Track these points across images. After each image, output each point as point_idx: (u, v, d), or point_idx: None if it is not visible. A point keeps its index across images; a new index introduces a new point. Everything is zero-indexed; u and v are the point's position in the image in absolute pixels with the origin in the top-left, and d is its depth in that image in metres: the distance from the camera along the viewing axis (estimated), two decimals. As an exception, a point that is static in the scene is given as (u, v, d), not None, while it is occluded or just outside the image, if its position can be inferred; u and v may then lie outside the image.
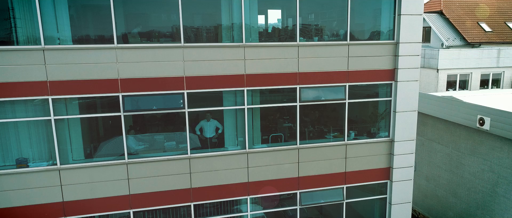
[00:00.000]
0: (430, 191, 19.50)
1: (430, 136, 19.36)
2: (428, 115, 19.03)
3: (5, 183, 10.60)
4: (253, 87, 11.61)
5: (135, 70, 10.76)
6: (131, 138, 11.58)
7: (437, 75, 23.79)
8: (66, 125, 10.96)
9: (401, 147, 12.83)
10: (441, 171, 18.72)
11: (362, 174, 12.90)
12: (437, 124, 18.78)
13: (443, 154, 18.50)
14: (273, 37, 11.99)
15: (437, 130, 18.82)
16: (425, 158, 19.84)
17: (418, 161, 20.56)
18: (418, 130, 20.30)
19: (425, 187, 19.91)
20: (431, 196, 19.48)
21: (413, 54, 12.33)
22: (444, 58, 23.50)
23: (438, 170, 18.95)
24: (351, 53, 12.04)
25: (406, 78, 12.42)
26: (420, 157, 20.33)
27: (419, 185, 20.39)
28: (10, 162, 10.77)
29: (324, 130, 12.88)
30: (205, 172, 11.75)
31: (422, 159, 20.20)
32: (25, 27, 10.27)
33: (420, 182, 20.28)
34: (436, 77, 23.84)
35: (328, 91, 12.16)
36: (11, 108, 10.47)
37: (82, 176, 11.02)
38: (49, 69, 10.30)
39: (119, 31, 10.60)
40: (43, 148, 10.92)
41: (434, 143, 19.10)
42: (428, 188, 19.67)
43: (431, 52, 23.87)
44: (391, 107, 12.71)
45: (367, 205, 13.60)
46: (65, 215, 11.12)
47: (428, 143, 19.57)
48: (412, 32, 12.21)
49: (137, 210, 11.58)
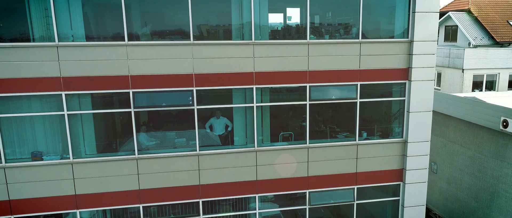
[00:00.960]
0: (452, 194, 18.92)
1: (452, 137, 18.77)
2: (450, 116, 18.47)
3: (21, 175, 10.99)
4: (262, 85, 11.58)
5: (145, 67, 10.93)
6: (143, 134, 11.79)
7: (462, 76, 23.05)
8: (80, 120, 11.26)
9: (415, 148, 12.50)
10: (463, 174, 18.13)
11: (373, 175, 12.65)
12: (460, 125, 18.19)
13: (465, 157, 17.91)
14: (283, 35, 11.91)
15: (459, 131, 18.23)
16: (447, 160, 19.27)
17: (439, 163, 20.01)
18: (439, 132, 19.77)
19: (446, 190, 19.34)
20: (453, 200, 18.90)
21: (428, 52, 12.00)
22: (470, 58, 22.73)
23: (460, 173, 18.35)
24: (363, 51, 11.83)
25: (420, 78, 12.10)
26: (442, 159, 19.77)
27: (440, 188, 19.84)
28: (26, 155, 11.16)
29: (336, 129, 12.71)
30: (214, 169, 11.81)
31: (443, 161, 19.63)
32: (40, 25, 10.61)
33: (441, 185, 19.71)
34: (461, 77, 23.10)
35: (339, 90, 11.99)
36: (27, 103, 10.86)
37: (93, 170, 11.30)
38: (63, 66, 10.60)
39: (129, 29, 10.79)
40: (57, 142, 11.25)
41: (456, 145, 18.51)
42: (449, 192, 19.09)
43: (456, 51, 23.15)
44: (405, 107, 12.40)
45: (379, 207, 13.33)
46: (77, 208, 11.43)
47: (450, 145, 19.00)
48: (427, 30, 11.87)
49: (147, 205, 11.77)
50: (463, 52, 22.81)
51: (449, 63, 23.41)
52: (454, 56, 23.35)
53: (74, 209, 11.42)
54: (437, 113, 19.64)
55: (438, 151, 20.04)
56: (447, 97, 18.70)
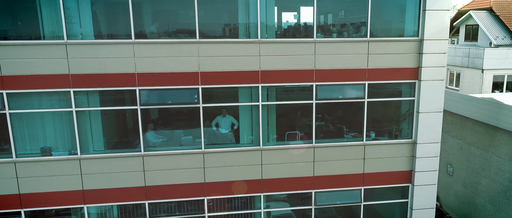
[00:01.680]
0: (467, 197, 18.45)
1: (468, 139, 18.30)
2: (467, 117, 18.01)
3: (30, 169, 11.26)
4: (267, 84, 11.53)
5: (152, 65, 11.03)
6: (150, 132, 11.92)
7: (481, 76, 22.41)
8: (88, 116, 11.46)
9: (424, 149, 12.21)
10: (480, 177, 17.64)
11: (381, 176, 12.43)
12: (477, 127, 17.71)
13: (481, 159, 17.42)
14: (289, 33, 11.82)
15: (476, 133, 17.75)
16: (463, 162, 18.80)
17: (455, 166, 19.53)
18: (456, 133, 19.30)
19: (462, 193, 18.87)
20: (468, 203, 18.42)
21: (439, 52, 11.70)
22: (490, 58, 22.07)
23: (476, 176, 17.87)
24: (371, 50, 11.63)
25: (430, 77, 11.81)
26: (458, 162, 19.29)
27: (456, 191, 19.37)
28: (36, 150, 11.43)
29: (344, 129, 12.54)
30: (219, 167, 11.83)
31: (459, 163, 19.15)
32: (51, 23, 10.84)
33: (457, 188, 19.25)
34: (480, 78, 22.46)
35: (346, 89, 11.82)
36: (37, 99, 11.11)
37: (100, 166, 11.48)
38: (71, 63, 10.80)
39: (136, 27, 10.89)
40: (66, 138, 11.47)
41: (473, 147, 18.02)
42: (465, 195, 18.62)
43: (476, 51, 22.52)
44: (414, 107, 12.13)
45: (387, 209, 13.10)
46: (85, 203, 11.64)
47: (466, 146, 18.52)
48: (438, 28, 11.57)
49: (152, 202, 11.88)
50: (483, 52, 22.17)
51: (468, 63, 22.80)
52: (473, 56, 22.72)
53: (82, 204, 11.63)
54: (454, 114, 19.19)
55: (454, 153, 19.56)
56: (464, 98, 18.24)
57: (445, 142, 20.44)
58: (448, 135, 20.11)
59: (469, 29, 26.76)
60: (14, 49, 10.52)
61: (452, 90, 27.05)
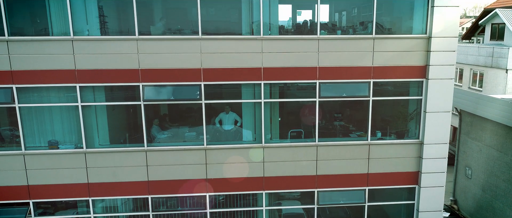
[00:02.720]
0: (486, 201, 17.78)
1: (488, 142, 17.63)
2: (487, 119, 17.35)
3: (38, 162, 11.61)
4: (270, 81, 11.45)
5: (155, 61, 11.16)
6: (155, 127, 12.09)
7: (505, 76, 21.52)
8: (94, 111, 11.71)
9: (431, 150, 11.83)
10: (499, 181, 16.97)
11: (386, 177, 12.13)
12: (497, 129, 17.04)
13: (501, 163, 16.75)
14: (293, 30, 11.71)
15: (496, 135, 17.08)
16: (482, 165, 18.13)
17: (473, 169, 18.87)
18: (475, 135, 18.64)
19: (480, 197, 18.21)
20: (487, 207, 17.76)
21: (447, 50, 11.31)
22: (515, 57, 21.19)
23: (496, 179, 17.20)
24: (377, 47, 11.37)
25: (439, 76, 11.43)
26: (477, 164, 18.63)
27: (474, 194, 18.72)
28: (44, 143, 11.78)
29: (350, 128, 12.32)
30: (221, 164, 11.85)
31: (478, 166, 18.49)
32: (59, 20, 11.13)
33: (475, 191, 18.60)
34: (505, 78, 21.57)
35: (350, 87, 11.61)
36: (46, 94, 11.45)
37: (105, 160, 11.71)
38: (77, 59, 11.06)
39: (140, 23, 11.03)
40: (73, 132, 11.76)
41: (493, 150, 17.36)
42: (483, 198, 17.95)
43: (500, 51, 21.64)
44: (421, 107, 11.77)
45: (393, 210, 12.78)
46: (90, 196, 11.91)
47: (485, 149, 17.85)
48: (448, 25, 11.19)
49: (155, 196, 12.03)
50: (507, 51, 21.28)
51: (492, 63, 21.94)
52: (497, 56, 21.84)
53: (87, 197, 11.90)
54: (473, 115, 18.54)
55: (473, 155, 18.91)
56: (484, 99, 17.58)
57: (464, 144, 19.78)
58: (467, 136, 19.46)
59: (495, 28, 25.75)
60: (24, 45, 10.87)
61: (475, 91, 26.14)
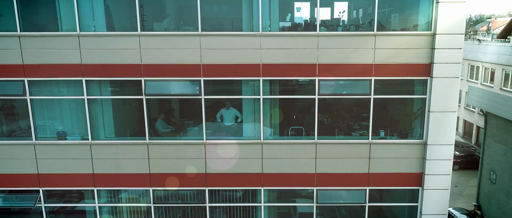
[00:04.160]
0: (511, 208, 16.93)
1: (512, 145, 16.81)
2: (512, 121, 16.55)
3: (47, 152, 12.18)
4: (269, 77, 11.43)
5: (156, 57, 11.41)
6: (160, 121, 12.39)
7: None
8: (100, 105, 12.14)
9: (435, 151, 11.39)
10: (522, 187, 16.15)
11: (388, 177, 11.79)
12: (522, 132, 16.23)
13: (525, 168, 15.93)
14: (293, 27, 11.61)
15: (521, 139, 16.27)
16: (507, 170, 17.28)
17: (498, 173, 18.00)
18: (500, 138, 17.79)
19: (505, 203, 17.36)
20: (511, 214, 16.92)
21: (453, 47, 10.85)
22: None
23: (519, 185, 16.38)
24: (378, 44, 11.08)
25: (444, 75, 10.99)
26: (501, 169, 17.77)
27: (498, 200, 17.88)
28: (53, 134, 12.34)
29: (353, 126, 12.09)
30: (220, 159, 11.95)
31: (503, 171, 17.63)
32: (67, 16, 11.62)
33: (499, 197, 17.75)
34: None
35: (350, 85, 11.38)
36: (56, 87, 11.99)
37: (109, 152, 12.10)
38: (83, 54, 11.50)
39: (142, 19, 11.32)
40: (81, 124, 12.24)
41: (516, 154, 16.53)
42: (508, 205, 17.11)
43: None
44: (425, 106, 11.36)
45: (396, 212, 12.41)
46: (95, 186, 12.35)
47: (511, 153, 17.00)
48: (453, 22, 10.73)
49: (156, 189, 12.31)
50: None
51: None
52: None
53: (92, 187, 12.35)
54: (498, 117, 17.70)
55: (498, 159, 18.05)
56: (510, 100, 16.75)
57: (489, 147, 18.92)
58: (492, 139, 18.60)
59: (531, 26, 24.31)
60: (35, 40, 11.42)
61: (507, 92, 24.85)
